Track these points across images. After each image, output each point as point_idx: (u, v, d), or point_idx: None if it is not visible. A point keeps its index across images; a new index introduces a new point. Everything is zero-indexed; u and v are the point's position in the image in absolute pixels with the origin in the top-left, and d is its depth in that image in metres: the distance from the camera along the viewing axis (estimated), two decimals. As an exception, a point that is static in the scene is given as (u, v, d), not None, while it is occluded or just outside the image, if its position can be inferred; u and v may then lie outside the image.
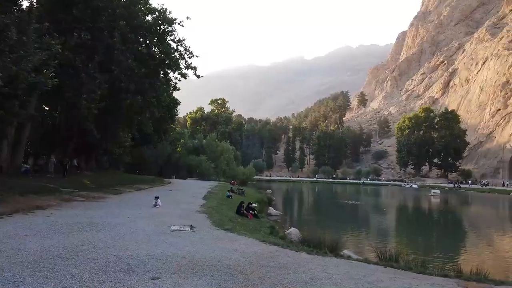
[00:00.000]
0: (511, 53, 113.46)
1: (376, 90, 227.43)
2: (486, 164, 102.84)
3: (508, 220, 37.44)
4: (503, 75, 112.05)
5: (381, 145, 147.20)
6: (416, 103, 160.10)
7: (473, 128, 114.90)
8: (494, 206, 51.41)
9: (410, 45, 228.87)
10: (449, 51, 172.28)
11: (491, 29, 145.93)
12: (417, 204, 52.08)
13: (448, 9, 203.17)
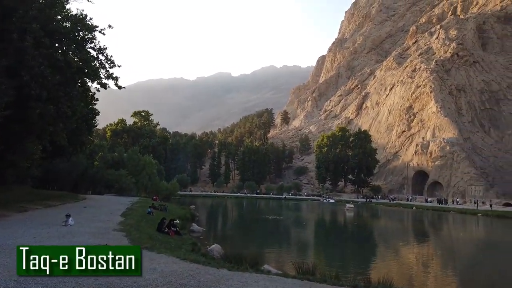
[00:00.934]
0: (414, 81, 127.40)
1: (298, 109, 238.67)
2: (393, 180, 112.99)
3: (411, 232, 41.35)
4: (407, 100, 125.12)
5: (302, 161, 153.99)
6: (334, 122, 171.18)
7: (383, 147, 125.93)
8: (400, 219, 56.47)
9: (329, 68, 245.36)
10: (362, 76, 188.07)
11: (397, 58, 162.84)
12: (333, 217, 55.11)
13: (361, 38, 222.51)
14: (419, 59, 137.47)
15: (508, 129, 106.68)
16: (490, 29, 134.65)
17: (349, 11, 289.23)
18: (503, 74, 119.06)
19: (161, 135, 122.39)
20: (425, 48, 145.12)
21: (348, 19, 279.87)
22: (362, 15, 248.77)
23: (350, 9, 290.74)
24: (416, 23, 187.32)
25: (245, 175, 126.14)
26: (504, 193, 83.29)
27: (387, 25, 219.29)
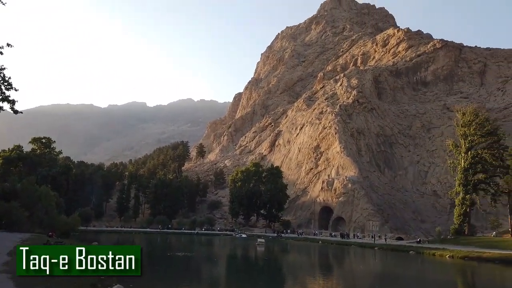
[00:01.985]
0: (321, 123, 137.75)
1: (214, 143, 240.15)
2: (302, 215, 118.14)
3: (317, 265, 43.31)
4: (315, 140, 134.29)
5: (216, 195, 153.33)
6: (248, 158, 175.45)
7: (293, 183, 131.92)
8: (307, 253, 58.84)
9: (245, 105, 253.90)
10: (276, 115, 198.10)
11: (307, 101, 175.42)
12: (245, 252, 55.29)
13: (275, 79, 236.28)
14: (325, 103, 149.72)
15: (399, 170, 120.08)
16: (384, 81, 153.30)
17: (264, 54, 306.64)
18: (394, 121, 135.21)
19: (63, 165, 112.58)
20: (330, 93, 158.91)
21: (264, 61, 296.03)
22: (276, 58, 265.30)
23: (265, 52, 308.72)
24: (323, 70, 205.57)
25: (156, 209, 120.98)
26: (396, 228, 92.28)
27: (298, 69, 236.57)
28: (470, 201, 70.18)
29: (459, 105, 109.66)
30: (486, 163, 70.46)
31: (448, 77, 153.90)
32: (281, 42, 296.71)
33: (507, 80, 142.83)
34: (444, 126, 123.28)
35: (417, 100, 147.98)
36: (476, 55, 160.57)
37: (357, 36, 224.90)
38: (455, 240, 64.46)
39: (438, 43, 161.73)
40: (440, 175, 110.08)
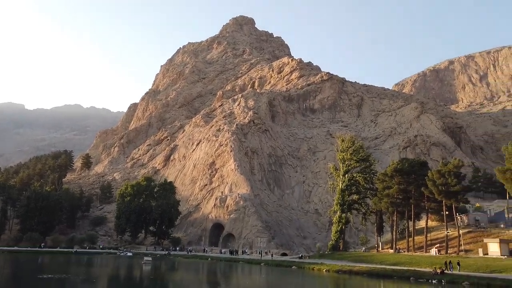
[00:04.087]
0: (217, 140, 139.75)
1: (103, 154, 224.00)
2: (193, 232, 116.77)
3: (205, 283, 43.21)
4: (211, 156, 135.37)
5: (101, 210, 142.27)
6: (140, 171, 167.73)
7: (186, 199, 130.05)
8: (195, 270, 58.25)
9: (140, 116, 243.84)
10: (172, 129, 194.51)
11: (205, 117, 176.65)
12: (129, 272, 52.32)
13: (174, 93, 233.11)
14: (223, 121, 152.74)
15: (287, 189, 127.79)
16: (278, 105, 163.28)
17: (164, 66, 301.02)
18: (285, 143, 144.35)
19: None
20: (228, 112, 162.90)
21: (163, 73, 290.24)
22: (177, 72, 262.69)
23: (165, 64, 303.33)
24: (223, 89, 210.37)
25: (27, 225, 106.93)
26: (282, 244, 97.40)
27: (198, 85, 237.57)
28: (345, 219, 78.17)
29: (339, 132, 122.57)
30: (359, 185, 79.67)
31: (332, 107, 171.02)
32: (182, 56, 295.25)
33: (379, 114, 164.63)
34: (327, 150, 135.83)
35: (305, 125, 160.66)
36: (355, 89, 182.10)
37: (256, 61, 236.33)
38: (332, 255, 70.75)
39: (325, 76, 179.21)
40: (321, 195, 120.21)
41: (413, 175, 67.50)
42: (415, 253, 62.69)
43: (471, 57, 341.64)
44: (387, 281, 43.12)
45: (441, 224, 67.74)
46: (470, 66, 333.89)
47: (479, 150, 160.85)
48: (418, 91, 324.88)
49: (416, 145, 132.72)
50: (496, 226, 65.65)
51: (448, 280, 39.59)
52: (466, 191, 64.04)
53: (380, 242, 76.29)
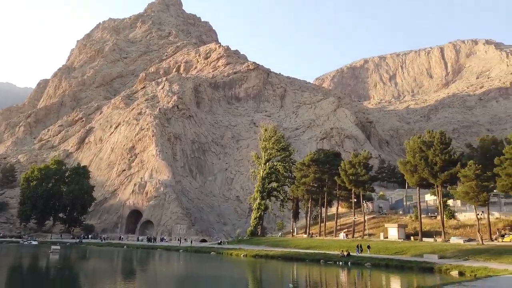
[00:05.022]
0: (138, 123, 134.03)
1: (6, 134, 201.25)
2: (108, 219, 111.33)
3: (119, 271, 41.76)
4: (131, 140, 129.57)
5: (2, 196, 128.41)
6: (50, 154, 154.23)
7: (101, 184, 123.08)
8: (109, 259, 55.90)
9: (51, 94, 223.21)
10: (89, 109, 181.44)
11: (125, 99, 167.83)
12: (34, 262, 48.45)
13: (91, 71, 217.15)
14: (145, 104, 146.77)
15: (210, 176, 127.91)
16: (203, 91, 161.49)
17: (81, 41, 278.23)
18: (209, 130, 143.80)
19: None
20: (151, 95, 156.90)
21: (80, 49, 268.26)
22: (95, 49, 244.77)
23: (83, 39, 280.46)
24: (146, 70, 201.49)
25: None
26: (202, 231, 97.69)
27: (119, 65, 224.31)
28: (265, 206, 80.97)
29: (263, 121, 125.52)
30: (279, 173, 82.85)
31: (257, 96, 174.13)
32: (102, 32, 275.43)
33: (300, 106, 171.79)
34: (251, 139, 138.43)
35: (230, 113, 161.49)
36: (279, 81, 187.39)
37: (182, 44, 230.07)
38: (250, 241, 72.93)
39: (251, 65, 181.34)
40: (243, 182, 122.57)
41: (328, 165, 72.13)
42: (326, 238, 67.39)
43: (383, 58, 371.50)
44: (300, 264, 45.86)
45: (350, 211, 73.59)
46: (382, 66, 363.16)
47: (385, 143, 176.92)
48: (336, 86, 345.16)
49: (332, 137, 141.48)
50: (395, 212, 73.28)
51: (353, 261, 43.39)
52: (372, 180, 70.38)
53: (296, 227, 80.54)
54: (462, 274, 31.94)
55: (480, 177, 47.90)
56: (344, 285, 32.15)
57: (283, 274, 40.04)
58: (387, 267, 39.58)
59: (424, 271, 36.17)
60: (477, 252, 39.97)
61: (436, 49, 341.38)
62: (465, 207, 58.97)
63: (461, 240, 49.61)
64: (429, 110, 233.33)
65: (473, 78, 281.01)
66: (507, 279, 24.88)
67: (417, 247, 46.30)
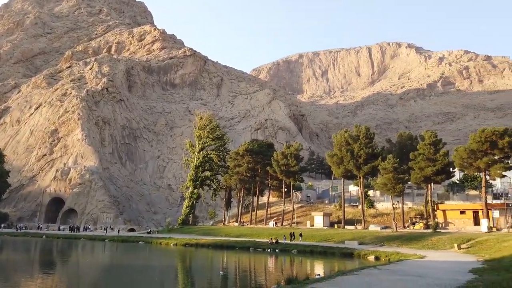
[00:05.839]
0: (62, 105, 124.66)
1: None
2: (25, 207, 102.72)
3: (37, 263, 38.95)
4: (53, 123, 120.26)
5: None
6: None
7: (18, 170, 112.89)
8: (26, 250, 51.86)
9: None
10: (5, 87, 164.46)
11: (48, 78, 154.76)
12: None
13: (9, 45, 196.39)
14: (71, 85, 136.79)
15: (140, 163, 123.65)
16: (136, 74, 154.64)
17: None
18: (142, 116, 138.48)
19: None
20: (78, 76, 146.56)
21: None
22: (14, 21, 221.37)
23: None
24: (73, 49, 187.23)
25: None
26: (130, 220, 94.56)
27: (41, 41, 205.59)
28: (197, 195, 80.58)
29: (199, 110, 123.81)
30: (213, 162, 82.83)
31: (193, 84, 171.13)
32: (22, 3, 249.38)
33: (236, 96, 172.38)
34: (185, 127, 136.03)
35: (164, 99, 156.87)
36: (216, 69, 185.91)
37: (114, 24, 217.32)
38: (181, 230, 72.30)
39: (188, 51, 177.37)
40: (176, 171, 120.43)
41: (261, 155, 73.68)
42: (256, 226, 69.11)
43: (317, 54, 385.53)
44: (230, 252, 46.61)
45: (280, 200, 76.16)
46: (315, 61, 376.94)
47: (315, 136, 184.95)
48: (272, 78, 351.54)
49: (266, 128, 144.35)
50: (322, 202, 77.34)
51: (280, 248, 45.17)
52: (302, 171, 73.41)
53: (227, 216, 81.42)
54: (378, 258, 34.88)
55: (397, 170, 52.35)
56: (271, 270, 33.41)
57: (213, 262, 40.44)
58: (312, 253, 41.82)
59: (345, 256, 38.86)
60: (391, 239, 43.84)
61: (365, 49, 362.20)
62: (383, 197, 64.03)
63: (378, 228, 53.98)
64: (356, 106, 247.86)
65: (396, 78, 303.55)
66: (415, 262, 27.72)
67: (339, 234, 49.48)
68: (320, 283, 14.85)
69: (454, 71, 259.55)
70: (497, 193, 58.42)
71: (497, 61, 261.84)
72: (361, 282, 15.29)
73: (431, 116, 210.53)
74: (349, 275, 18.41)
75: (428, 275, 18.20)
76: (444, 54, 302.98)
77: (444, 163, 51.06)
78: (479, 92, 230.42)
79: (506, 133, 45.73)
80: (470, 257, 29.34)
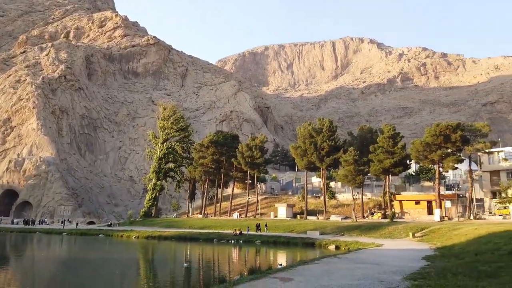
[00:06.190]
0: (16, 92, 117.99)
1: None
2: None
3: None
4: (6, 111, 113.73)
5: None
6: None
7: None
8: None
9: None
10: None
11: (0, 64, 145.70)
12: None
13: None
14: (25, 71, 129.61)
15: (101, 154, 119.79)
16: (96, 62, 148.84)
17: None
18: (102, 105, 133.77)
19: None
20: (33, 62, 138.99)
21: None
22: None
23: None
24: (28, 33, 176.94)
25: None
26: (90, 212, 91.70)
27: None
28: (160, 187, 79.31)
29: (162, 100, 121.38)
30: (176, 154, 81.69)
31: (157, 73, 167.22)
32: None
33: (201, 87, 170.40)
34: (148, 117, 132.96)
35: (126, 88, 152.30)
36: (181, 59, 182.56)
37: (73, 8, 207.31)
38: (143, 222, 71.00)
39: (151, 39, 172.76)
40: (138, 162, 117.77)
41: (226, 147, 73.54)
42: (220, 217, 69.16)
43: (282, 46, 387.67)
44: (194, 244, 46.39)
45: (244, 192, 76.53)
46: (281, 54, 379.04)
47: (280, 128, 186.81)
48: (238, 70, 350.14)
49: (231, 120, 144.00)
50: (285, 193, 78.58)
51: (244, 240, 45.50)
52: (267, 163, 74.02)
53: (191, 208, 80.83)
54: (338, 247, 36.01)
55: (357, 162, 54.06)
56: (234, 261, 33.64)
57: (176, 254, 40.12)
58: (275, 244, 42.49)
59: (307, 246, 39.79)
60: (351, 228, 45.36)
61: (329, 43, 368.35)
62: (344, 188, 66.04)
63: (339, 218, 55.66)
64: (319, 99, 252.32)
65: (358, 73, 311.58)
66: (373, 251, 28.89)
67: (302, 225, 50.54)
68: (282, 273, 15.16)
69: (412, 67, 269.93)
70: (449, 184, 61.84)
71: (452, 58, 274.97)
72: (321, 271, 15.76)
73: (390, 111, 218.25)
74: (310, 264, 18.91)
75: (385, 263, 19.04)
76: (404, 51, 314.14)
77: (401, 156, 53.27)
78: (435, 88, 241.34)
79: (458, 127, 48.30)
80: (423, 245, 30.95)
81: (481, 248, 21.95)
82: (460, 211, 50.62)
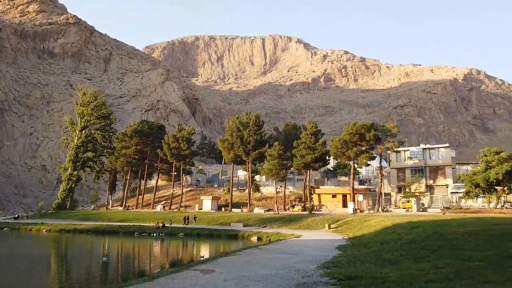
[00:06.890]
0: None
1: None
2: None
3: None
4: None
5: None
6: None
7: None
8: None
9: None
10: None
11: None
12: None
13: None
14: None
15: (8, 140, 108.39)
16: (6, 38, 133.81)
17: None
18: (11, 86, 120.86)
19: None
20: None
21: None
22: None
23: None
24: None
25: None
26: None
27: None
28: (77, 177, 74.37)
29: (82, 84, 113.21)
30: (96, 143, 77.19)
31: (76, 55, 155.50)
32: None
33: (126, 73, 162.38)
34: (65, 102, 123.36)
35: (41, 69, 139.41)
36: (104, 42, 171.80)
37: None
38: (56, 215, 66.08)
39: (71, 18, 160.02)
40: (52, 150, 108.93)
41: (151, 137, 71.32)
42: (143, 210, 67.02)
43: (213, 38, 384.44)
44: (112, 237, 44.47)
45: (169, 183, 75.00)
46: (211, 46, 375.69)
47: (208, 121, 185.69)
48: (166, 58, 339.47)
49: (158, 109, 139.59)
50: (211, 186, 78.63)
51: (167, 232, 44.78)
52: (194, 155, 73.31)
53: (112, 200, 77.13)
54: (260, 239, 37.20)
55: (281, 156, 56.08)
56: (156, 255, 33.03)
57: (93, 248, 38.15)
58: (198, 236, 42.50)
59: (230, 238, 40.46)
60: (273, 220, 47.07)
61: (259, 39, 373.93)
62: (268, 182, 68.08)
63: (262, 210, 57.35)
64: (248, 94, 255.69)
65: (285, 71, 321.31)
66: (292, 241, 30.38)
67: (226, 217, 51.17)
68: (203, 265, 15.34)
69: (335, 69, 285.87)
70: (362, 179, 67.11)
71: (370, 63, 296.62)
72: (241, 262, 16.26)
73: (313, 109, 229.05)
74: (232, 255, 19.36)
75: (302, 253, 20.22)
76: (328, 52, 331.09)
77: (322, 152, 56.44)
78: (353, 90, 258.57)
79: (372, 127, 52.56)
80: (337, 236, 33.32)
81: (386, 238, 24.27)
82: (371, 204, 55.31)
